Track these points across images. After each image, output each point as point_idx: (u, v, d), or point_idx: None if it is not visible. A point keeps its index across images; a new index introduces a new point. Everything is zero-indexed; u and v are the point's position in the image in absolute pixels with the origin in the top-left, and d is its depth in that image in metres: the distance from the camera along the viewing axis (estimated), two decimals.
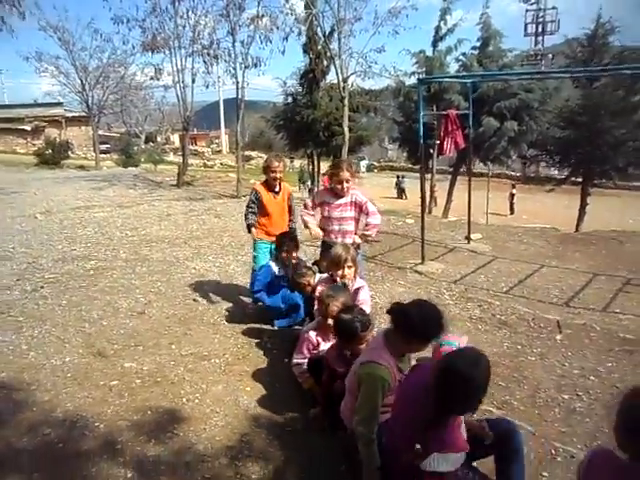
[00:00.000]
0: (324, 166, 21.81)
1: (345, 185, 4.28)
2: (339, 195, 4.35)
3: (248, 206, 4.86)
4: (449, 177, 16.88)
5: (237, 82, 13.67)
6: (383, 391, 2.46)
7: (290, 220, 4.99)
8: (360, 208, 4.37)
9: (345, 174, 4.25)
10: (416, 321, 2.40)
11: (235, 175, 14.64)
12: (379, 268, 6.47)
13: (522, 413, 3.29)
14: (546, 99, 13.80)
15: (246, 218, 4.86)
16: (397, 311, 2.51)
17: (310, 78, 17.02)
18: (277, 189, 4.86)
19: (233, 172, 13.80)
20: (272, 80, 18.93)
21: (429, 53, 15.06)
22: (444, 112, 7.00)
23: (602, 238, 8.34)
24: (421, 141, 6.43)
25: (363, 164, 39.43)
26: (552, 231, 9.32)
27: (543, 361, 4.05)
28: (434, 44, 14.97)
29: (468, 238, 7.78)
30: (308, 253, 6.44)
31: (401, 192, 27.92)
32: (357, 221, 4.46)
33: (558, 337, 4.49)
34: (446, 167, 19.91)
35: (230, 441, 2.98)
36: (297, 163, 29.98)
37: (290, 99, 18.19)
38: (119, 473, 2.68)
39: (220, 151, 51.64)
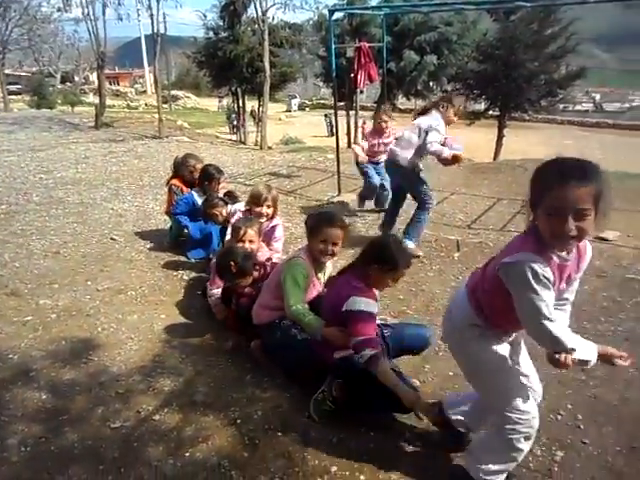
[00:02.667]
0: (250, 104, 21.39)
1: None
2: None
3: None
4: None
5: (152, 15, 12.98)
6: (304, 277, 2.84)
7: None
8: None
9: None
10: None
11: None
12: (297, 201, 6.68)
13: (414, 320, 3.67)
14: (465, 33, 14.06)
15: None
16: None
17: (231, 11, 16.33)
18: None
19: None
20: (191, 13, 18.01)
21: None
22: (356, 45, 7.04)
23: (510, 166, 8.90)
24: (333, 75, 6.52)
25: (294, 102, 38.80)
26: (466, 162, 9.80)
27: (440, 276, 4.46)
28: None
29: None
30: None
31: (331, 129, 27.92)
32: None
33: (456, 255, 4.92)
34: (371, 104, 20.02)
35: (144, 362, 3.17)
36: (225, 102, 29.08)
37: (211, 34, 17.42)
38: (34, 396, 2.82)
39: (145, 91, 49.00)
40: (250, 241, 3.53)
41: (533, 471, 2.32)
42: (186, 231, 4.81)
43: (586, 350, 1.81)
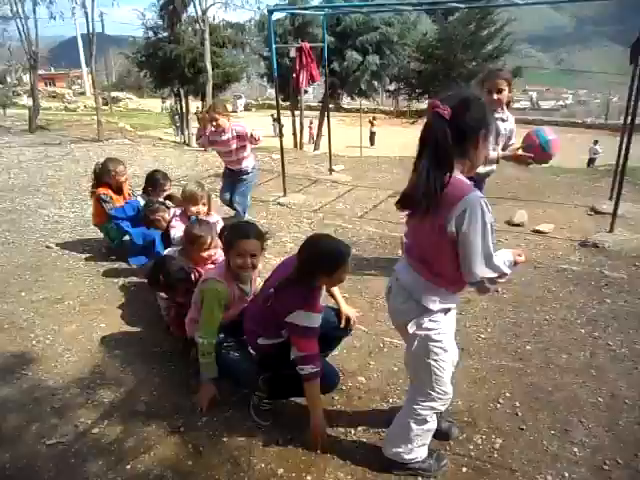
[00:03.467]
0: (194, 105, 21.01)
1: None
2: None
3: None
4: (334, 113, 17.10)
5: (87, 13, 12.52)
6: (220, 303, 2.71)
7: None
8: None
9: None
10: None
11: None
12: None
13: (361, 317, 3.69)
14: (405, 33, 14.33)
15: None
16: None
17: (170, 10, 15.97)
18: None
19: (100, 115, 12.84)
20: (129, 11, 17.51)
21: None
22: (297, 45, 7.04)
23: None
24: (275, 75, 6.50)
25: (240, 103, 38.43)
26: (409, 159, 9.99)
27: (383, 273, 4.52)
28: None
29: (331, 170, 8.13)
30: None
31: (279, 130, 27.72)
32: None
33: (400, 252, 5.00)
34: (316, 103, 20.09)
35: (82, 374, 3.05)
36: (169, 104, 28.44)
37: (151, 33, 16.99)
38: None
39: (83, 93, 47.20)
40: (215, 246, 3.41)
41: (474, 459, 2.38)
42: (127, 238, 4.66)
43: (508, 261, 1.91)
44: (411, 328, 2.03)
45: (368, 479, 2.29)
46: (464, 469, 2.34)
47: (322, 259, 2.35)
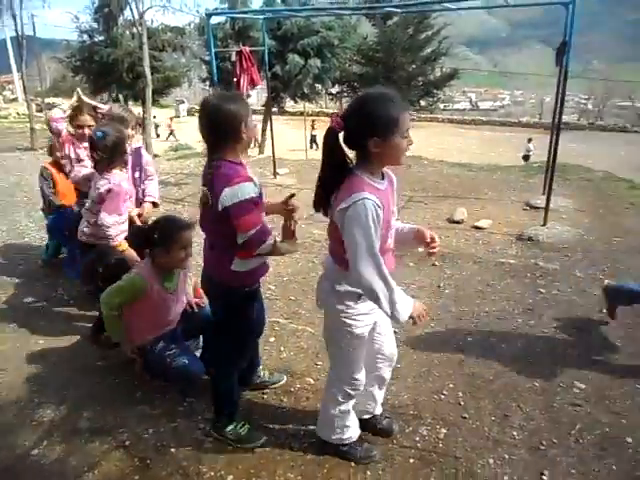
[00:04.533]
0: (136, 110, 20.47)
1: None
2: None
3: None
4: (278, 117, 17.03)
5: (14, 15, 11.98)
6: (125, 296, 2.73)
7: None
8: None
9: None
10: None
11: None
12: (186, 209, 6.52)
13: (307, 319, 3.73)
14: (346, 37, 14.51)
15: None
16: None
17: (106, 13, 15.52)
18: None
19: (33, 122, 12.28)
20: (62, 14, 16.86)
21: None
22: (237, 49, 7.01)
23: None
24: (215, 79, 6.44)
25: (183, 108, 37.73)
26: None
27: None
28: None
29: (275, 173, 8.13)
30: None
31: None
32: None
33: None
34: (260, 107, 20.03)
35: (19, 394, 2.92)
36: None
37: (86, 37, 16.40)
38: None
39: (16, 99, 45.05)
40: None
41: (420, 450, 2.45)
42: (64, 247, 4.50)
43: (404, 302, 1.94)
44: (322, 307, 2.16)
45: (318, 478, 2.31)
46: (411, 460, 2.40)
47: (220, 119, 2.10)
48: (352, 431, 2.36)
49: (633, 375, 2.99)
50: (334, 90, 15.92)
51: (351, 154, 1.95)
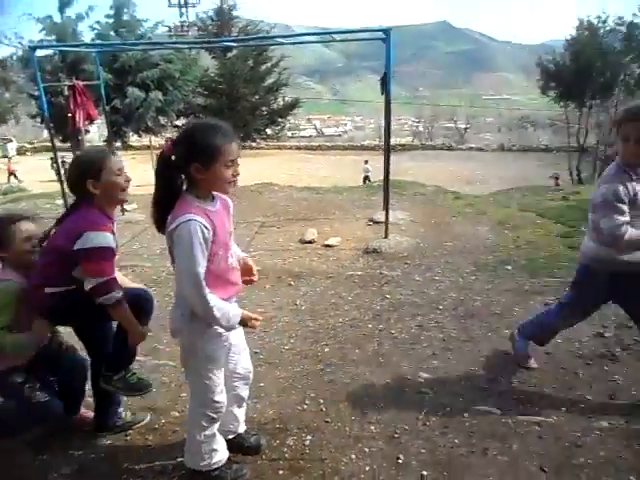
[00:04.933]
0: None
1: None
2: None
3: None
4: (123, 152, 16.21)
5: None
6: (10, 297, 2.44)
7: None
8: None
9: None
10: None
11: None
12: None
13: (167, 354, 3.67)
14: (187, 69, 14.55)
15: None
16: None
17: None
18: None
19: None
20: None
21: (58, 19, 13.87)
22: (69, 84, 6.70)
23: (246, 192, 9.52)
24: (45, 114, 6.10)
25: (11, 147, 34.32)
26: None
27: None
28: (61, 9, 13.81)
29: (123, 210, 7.84)
30: None
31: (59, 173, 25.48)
32: None
33: None
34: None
35: None
36: None
37: None
38: None
39: None
40: None
41: (288, 460, 2.56)
42: None
43: (231, 314, 2.05)
44: (174, 334, 2.16)
45: None
46: (280, 472, 2.49)
47: (83, 165, 2.31)
48: (220, 454, 2.39)
49: (468, 361, 3.43)
50: (179, 122, 15.81)
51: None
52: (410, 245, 5.84)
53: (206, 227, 1.91)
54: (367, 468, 2.49)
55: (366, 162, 20.95)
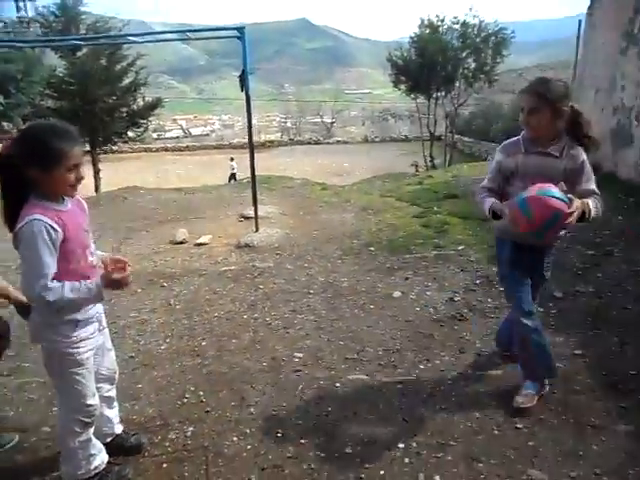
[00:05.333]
0: None
1: None
2: None
3: None
4: None
5: None
6: None
7: None
8: None
9: None
10: None
11: None
12: None
13: (33, 370, 3.47)
14: (31, 69, 13.36)
15: None
16: None
17: None
18: None
19: None
20: None
21: None
22: None
23: (109, 198, 9.11)
24: None
25: None
26: None
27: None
28: None
29: None
30: None
31: None
32: None
33: None
34: None
35: None
36: None
37: None
38: None
39: None
40: None
41: (171, 453, 2.61)
42: None
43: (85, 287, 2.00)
44: (34, 340, 2.13)
45: None
46: (164, 465, 2.53)
47: None
48: (99, 458, 2.36)
49: (338, 337, 3.70)
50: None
51: None
52: (280, 237, 6.04)
53: (52, 227, 1.90)
54: (249, 447, 2.63)
55: (232, 159, 20.95)
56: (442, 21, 20.90)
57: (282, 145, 37.54)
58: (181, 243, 6.04)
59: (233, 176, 19.54)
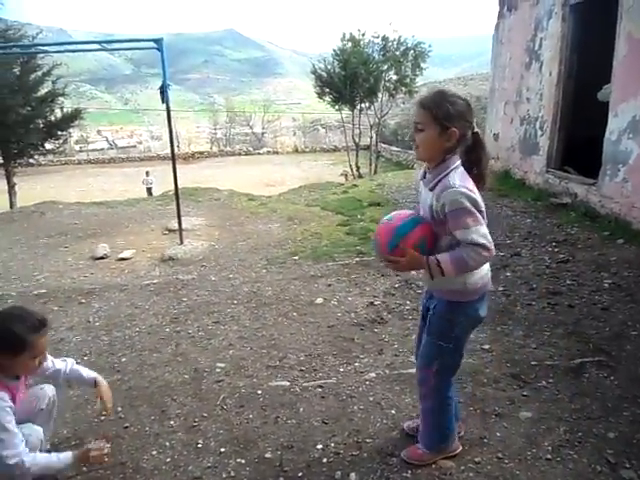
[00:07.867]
0: None
1: None
2: None
3: None
4: None
5: None
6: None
7: None
8: None
9: None
10: None
11: None
12: None
13: None
14: None
15: None
16: None
17: None
18: None
19: None
20: None
21: None
22: None
23: (24, 213, 8.69)
24: None
25: None
26: None
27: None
28: None
29: None
30: None
31: None
32: None
33: None
34: None
35: None
36: None
37: None
38: None
39: None
40: None
41: (87, 473, 2.56)
42: None
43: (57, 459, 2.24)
44: None
45: None
46: None
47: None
48: None
49: (259, 345, 3.74)
50: None
51: None
52: (206, 248, 6.02)
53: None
54: (168, 460, 2.62)
55: (147, 174, 20.45)
56: (363, 35, 21.64)
57: (212, 156, 37.07)
58: (102, 258, 5.87)
59: (149, 191, 19.05)
